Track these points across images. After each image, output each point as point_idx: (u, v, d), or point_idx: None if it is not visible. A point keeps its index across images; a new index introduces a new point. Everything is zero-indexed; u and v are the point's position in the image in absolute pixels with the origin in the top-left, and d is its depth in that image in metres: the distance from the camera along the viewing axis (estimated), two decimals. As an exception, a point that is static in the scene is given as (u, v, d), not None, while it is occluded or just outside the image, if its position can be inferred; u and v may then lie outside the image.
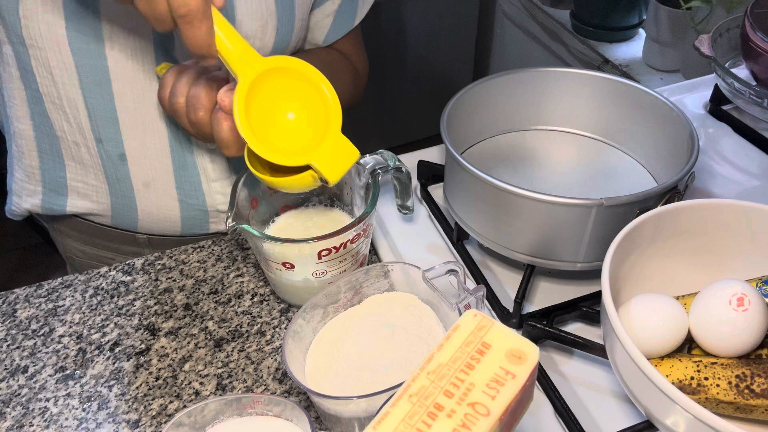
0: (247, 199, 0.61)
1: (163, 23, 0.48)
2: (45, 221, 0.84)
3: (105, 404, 0.56)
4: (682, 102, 0.87)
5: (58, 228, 0.83)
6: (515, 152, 0.73)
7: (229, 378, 0.58)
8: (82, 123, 0.70)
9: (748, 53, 0.78)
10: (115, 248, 0.81)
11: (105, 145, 0.71)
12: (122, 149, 0.71)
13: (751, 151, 0.79)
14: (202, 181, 0.75)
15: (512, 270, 0.66)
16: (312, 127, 0.55)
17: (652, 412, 0.45)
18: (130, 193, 0.74)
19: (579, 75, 0.72)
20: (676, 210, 0.54)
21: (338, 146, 0.54)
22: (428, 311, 0.55)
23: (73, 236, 0.82)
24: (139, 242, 0.80)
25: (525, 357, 0.34)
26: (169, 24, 0.48)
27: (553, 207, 0.56)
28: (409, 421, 0.31)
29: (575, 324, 0.61)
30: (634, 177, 0.70)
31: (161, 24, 0.49)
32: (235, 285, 0.66)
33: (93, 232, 0.80)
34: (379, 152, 0.63)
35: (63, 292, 0.66)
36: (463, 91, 0.68)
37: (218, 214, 0.78)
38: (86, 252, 0.82)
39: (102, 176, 0.74)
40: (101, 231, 0.79)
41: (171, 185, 0.74)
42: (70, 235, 0.82)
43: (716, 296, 0.48)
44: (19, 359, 0.60)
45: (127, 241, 0.80)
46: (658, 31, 1.33)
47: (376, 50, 1.94)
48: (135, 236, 0.79)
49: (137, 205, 0.75)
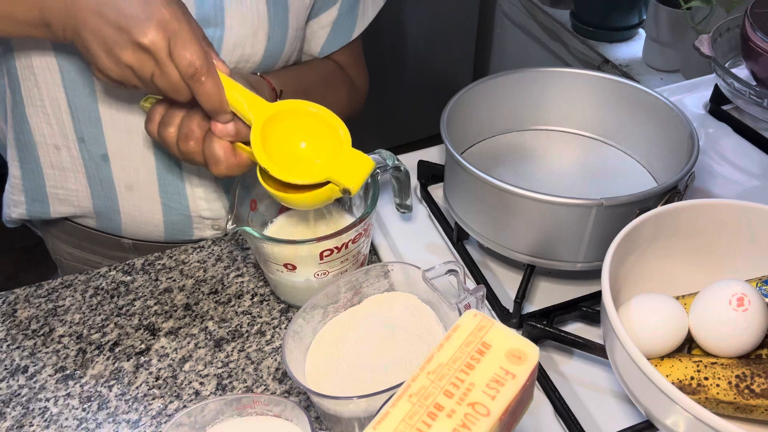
0: (247, 200, 0.61)
1: (180, 92, 0.54)
2: (35, 225, 0.85)
3: (105, 404, 0.56)
4: (682, 102, 0.87)
5: (48, 230, 0.83)
6: (515, 152, 0.73)
7: (229, 378, 0.58)
8: (64, 122, 0.70)
9: (748, 53, 0.78)
10: (101, 252, 0.81)
11: (87, 144, 0.71)
12: (105, 149, 0.71)
13: (751, 151, 0.79)
14: (186, 186, 0.74)
15: (512, 270, 0.66)
16: (324, 151, 0.58)
17: (652, 412, 0.45)
18: (112, 195, 0.74)
19: (579, 75, 0.72)
20: (676, 210, 0.54)
21: (353, 158, 0.57)
22: (428, 311, 0.55)
23: (62, 239, 0.82)
24: (125, 247, 0.80)
25: (525, 357, 0.34)
26: (185, 91, 0.54)
27: (553, 207, 0.56)
28: (409, 421, 0.31)
29: (575, 324, 0.61)
30: (634, 177, 0.70)
31: (179, 93, 0.54)
32: (235, 285, 0.66)
33: (80, 235, 0.80)
34: (377, 152, 0.63)
35: (63, 292, 0.66)
36: (463, 91, 0.68)
37: (202, 220, 0.78)
38: (74, 255, 0.82)
39: (84, 178, 0.74)
40: (88, 234, 0.80)
41: (154, 188, 0.74)
42: (60, 237, 0.82)
43: (716, 296, 0.48)
44: (19, 359, 0.60)
45: (113, 246, 0.80)
46: (658, 31, 1.33)
47: (376, 50, 1.93)
48: (120, 241, 0.79)
49: (120, 208, 0.75)
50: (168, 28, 0.52)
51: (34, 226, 0.85)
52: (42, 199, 0.76)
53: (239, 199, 0.59)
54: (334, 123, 0.58)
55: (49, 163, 0.73)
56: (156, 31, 0.52)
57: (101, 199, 0.75)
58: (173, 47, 0.52)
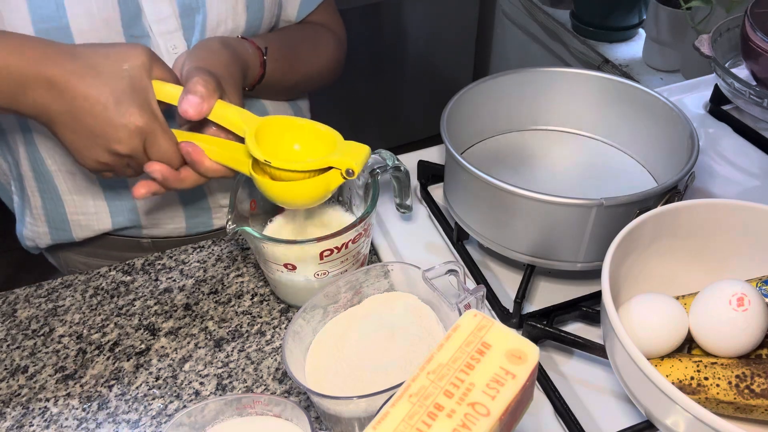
0: (247, 200, 0.61)
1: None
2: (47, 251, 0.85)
3: (105, 404, 0.56)
4: (682, 102, 0.86)
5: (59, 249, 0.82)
6: (515, 152, 0.73)
7: (229, 378, 0.58)
8: None
9: (748, 53, 0.78)
10: (118, 256, 0.80)
11: None
12: None
13: (751, 151, 0.79)
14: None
15: (512, 270, 0.66)
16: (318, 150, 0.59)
17: (652, 412, 0.45)
18: (132, 206, 0.75)
19: (579, 75, 0.72)
20: (676, 210, 0.54)
21: (350, 146, 0.57)
22: (428, 311, 0.55)
23: (74, 250, 0.81)
24: (144, 247, 0.80)
25: (525, 357, 0.34)
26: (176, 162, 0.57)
27: (553, 207, 0.56)
28: (409, 421, 0.31)
29: (575, 324, 0.61)
30: (634, 177, 0.70)
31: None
32: (235, 285, 0.66)
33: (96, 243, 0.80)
34: (377, 152, 0.63)
35: (63, 292, 0.66)
36: (463, 91, 0.68)
37: (221, 209, 0.78)
38: (89, 264, 0.82)
39: (102, 199, 0.74)
40: (104, 240, 0.79)
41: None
42: (71, 249, 0.81)
43: (716, 296, 0.48)
44: (19, 359, 0.60)
45: (131, 247, 0.80)
46: (658, 31, 1.33)
47: (376, 50, 1.94)
48: (139, 242, 0.79)
49: (141, 221, 0.76)
50: (143, 132, 0.54)
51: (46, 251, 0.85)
52: (65, 227, 0.76)
53: (239, 199, 0.59)
54: (323, 128, 0.59)
55: (67, 189, 0.74)
56: (131, 139, 0.54)
57: (120, 215, 0.75)
58: (149, 147, 0.55)
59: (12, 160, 0.75)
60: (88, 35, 0.61)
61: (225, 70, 0.60)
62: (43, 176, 0.73)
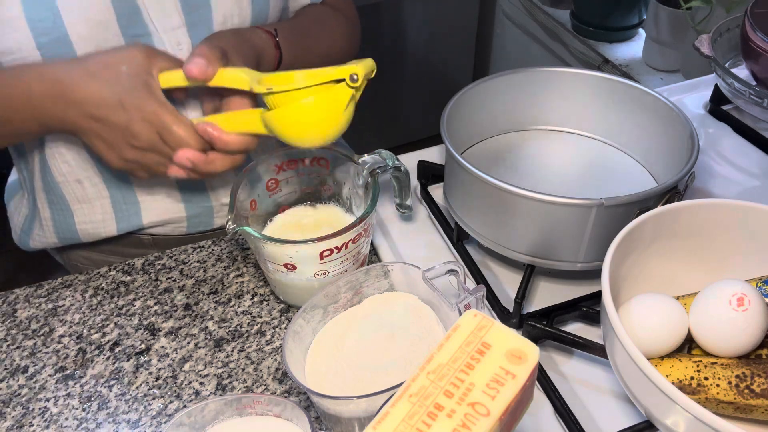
0: (247, 200, 0.61)
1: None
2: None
3: (105, 404, 0.56)
4: (682, 102, 0.86)
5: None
6: (515, 152, 0.73)
7: (229, 378, 0.58)
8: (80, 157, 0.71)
9: (748, 53, 0.78)
10: (120, 252, 0.81)
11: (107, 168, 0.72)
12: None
13: (751, 151, 0.79)
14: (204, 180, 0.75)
15: (512, 270, 0.66)
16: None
17: (652, 412, 0.45)
18: (136, 209, 0.76)
19: (579, 75, 0.72)
20: (676, 210, 0.54)
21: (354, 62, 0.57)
22: (428, 311, 0.55)
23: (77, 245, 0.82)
24: (145, 243, 0.80)
25: (525, 357, 0.34)
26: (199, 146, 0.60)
27: (553, 207, 0.56)
28: (409, 421, 0.31)
29: (575, 324, 0.61)
30: (634, 177, 0.70)
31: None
32: (235, 285, 0.66)
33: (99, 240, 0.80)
34: (377, 152, 0.63)
35: (63, 292, 0.66)
36: (463, 91, 0.68)
37: (222, 207, 0.79)
38: (91, 258, 0.82)
39: (108, 204, 0.75)
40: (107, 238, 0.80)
41: (174, 189, 0.75)
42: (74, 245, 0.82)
43: (716, 296, 0.48)
44: (19, 359, 0.60)
45: (132, 244, 0.80)
46: (658, 31, 1.33)
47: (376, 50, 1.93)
48: (140, 238, 0.80)
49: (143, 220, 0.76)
50: (153, 123, 0.57)
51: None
52: (73, 236, 0.77)
53: (239, 199, 0.59)
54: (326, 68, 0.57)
55: (75, 198, 0.74)
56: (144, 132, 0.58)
57: (125, 220, 0.76)
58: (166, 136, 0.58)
59: (28, 174, 0.77)
60: (86, 41, 0.61)
61: (233, 48, 0.61)
62: (52, 188, 0.74)
